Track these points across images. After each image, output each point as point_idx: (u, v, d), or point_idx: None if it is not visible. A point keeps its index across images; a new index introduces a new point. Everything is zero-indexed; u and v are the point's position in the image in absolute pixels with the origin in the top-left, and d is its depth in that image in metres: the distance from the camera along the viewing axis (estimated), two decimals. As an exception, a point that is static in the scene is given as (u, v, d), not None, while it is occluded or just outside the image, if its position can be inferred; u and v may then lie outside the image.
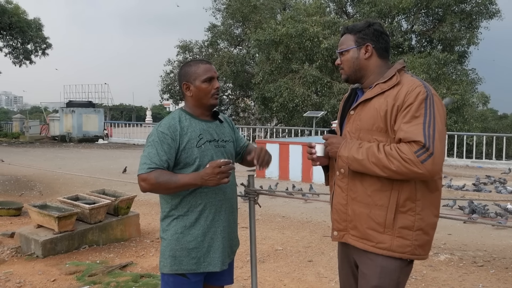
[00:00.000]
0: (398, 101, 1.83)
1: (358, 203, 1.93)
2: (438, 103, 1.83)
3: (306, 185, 9.92)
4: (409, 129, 1.77)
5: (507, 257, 4.92)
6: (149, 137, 2.11)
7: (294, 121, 20.94)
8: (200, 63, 2.18)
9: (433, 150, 1.72)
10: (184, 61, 26.92)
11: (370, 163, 1.82)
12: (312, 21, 20.11)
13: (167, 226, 2.12)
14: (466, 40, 21.61)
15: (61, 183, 9.68)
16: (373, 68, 2.00)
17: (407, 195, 1.85)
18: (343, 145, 1.93)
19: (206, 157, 2.09)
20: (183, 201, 2.09)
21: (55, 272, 4.24)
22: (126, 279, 4.01)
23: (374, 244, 1.89)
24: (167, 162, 2.04)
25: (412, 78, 1.90)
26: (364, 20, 2.09)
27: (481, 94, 29.86)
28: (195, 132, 2.10)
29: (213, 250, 2.11)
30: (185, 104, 2.23)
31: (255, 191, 2.43)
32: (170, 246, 2.09)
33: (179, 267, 2.09)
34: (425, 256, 1.93)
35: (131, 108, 38.77)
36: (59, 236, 4.73)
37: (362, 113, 1.95)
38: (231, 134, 2.30)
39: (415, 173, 1.74)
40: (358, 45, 1.99)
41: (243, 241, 5.24)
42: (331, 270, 4.38)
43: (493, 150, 15.04)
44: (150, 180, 2.00)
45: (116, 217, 5.33)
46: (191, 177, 2.01)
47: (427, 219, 1.88)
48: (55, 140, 24.54)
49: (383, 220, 1.87)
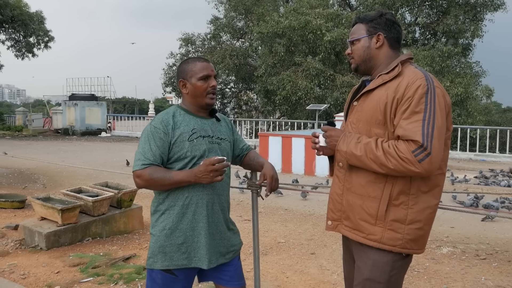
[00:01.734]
0: (398, 94, 1.80)
1: (352, 193, 1.94)
2: (440, 96, 1.80)
3: (309, 178, 9.93)
4: (408, 126, 1.75)
5: (510, 250, 4.91)
6: (143, 133, 2.11)
7: (297, 114, 20.88)
8: (197, 61, 2.17)
9: (431, 150, 1.71)
10: (186, 54, 26.85)
11: (368, 159, 1.81)
12: (315, 14, 19.98)
13: (155, 222, 2.12)
14: (470, 33, 21.45)
15: (64, 176, 9.71)
16: (383, 59, 1.97)
17: (400, 188, 1.84)
18: (342, 139, 1.92)
19: (197, 152, 2.07)
20: (170, 195, 2.08)
21: (59, 264, 4.26)
22: (130, 271, 4.03)
23: (365, 236, 1.90)
24: (161, 157, 2.04)
25: (415, 69, 1.86)
26: (376, 10, 2.05)
27: (485, 87, 29.64)
28: (188, 127, 2.10)
29: (201, 246, 2.08)
30: (182, 101, 2.24)
31: (258, 184, 2.42)
32: (159, 243, 2.07)
33: (170, 263, 2.07)
34: (419, 251, 1.92)
35: (133, 101, 38.75)
36: (62, 228, 4.75)
37: (364, 104, 1.94)
38: (228, 133, 2.28)
39: (412, 172, 1.74)
40: (370, 34, 1.97)
41: (246, 233, 5.26)
42: (333, 263, 4.39)
43: (496, 143, 14.99)
44: (144, 177, 2.01)
45: (119, 209, 5.34)
46: (185, 174, 2.01)
47: (422, 213, 1.85)
48: (58, 133, 24.60)
49: (375, 212, 1.87)
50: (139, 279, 3.85)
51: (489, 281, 4.01)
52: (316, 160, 10.20)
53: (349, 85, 18.66)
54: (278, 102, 20.44)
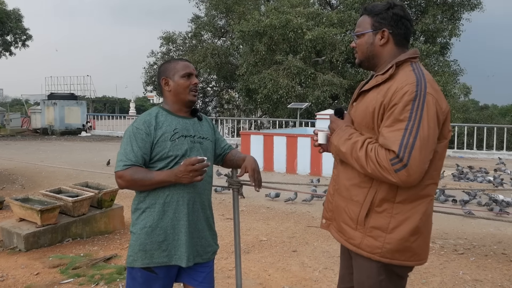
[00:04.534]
0: (386, 99, 1.71)
1: (339, 195, 1.91)
2: (431, 103, 1.66)
3: (291, 176, 9.98)
4: (388, 134, 1.67)
5: (486, 244, 5.03)
6: (125, 134, 2.13)
7: (279, 112, 20.92)
8: (179, 60, 2.23)
9: (408, 162, 1.62)
10: (167, 52, 26.64)
11: (352, 158, 1.77)
12: (296, 12, 20.04)
13: (136, 220, 2.12)
14: (448, 32, 21.81)
15: (44, 176, 9.56)
16: (386, 57, 1.85)
17: (384, 195, 1.76)
18: (337, 132, 1.88)
19: (179, 151, 2.08)
20: (151, 193, 2.09)
21: (38, 265, 4.20)
22: (111, 272, 4.00)
23: (347, 239, 1.87)
24: (143, 158, 2.06)
25: (410, 72, 1.74)
26: (386, 1, 1.87)
27: (463, 85, 30.25)
28: (170, 127, 2.12)
29: (181, 243, 2.09)
30: (164, 101, 2.26)
31: (238, 182, 2.44)
32: (140, 240, 2.08)
33: (150, 261, 2.07)
34: (407, 262, 1.80)
35: (114, 100, 38.34)
36: (42, 229, 4.68)
37: (359, 105, 1.88)
38: (210, 133, 2.30)
39: (388, 180, 1.67)
40: (375, 30, 1.85)
41: (228, 232, 5.27)
42: (315, 260, 4.43)
43: (474, 140, 15.30)
44: (126, 177, 2.03)
45: (100, 209, 5.29)
46: (165, 174, 2.03)
47: (406, 224, 1.75)
48: (37, 133, 24.18)
49: (356, 216, 1.82)
50: (120, 279, 3.83)
51: (467, 275, 4.10)
52: (297, 158, 10.27)
53: (330, 84, 18.78)
54: (259, 100, 20.45)
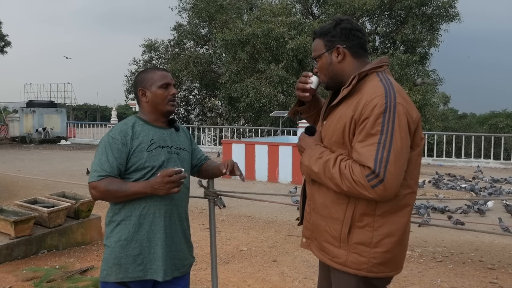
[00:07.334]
0: (356, 113, 1.68)
1: (316, 214, 1.86)
2: (401, 114, 1.64)
3: (272, 184, 9.97)
4: (362, 150, 1.64)
5: (464, 252, 5.08)
6: (100, 143, 2.07)
7: (261, 120, 20.98)
8: (156, 70, 2.18)
9: (384, 176, 1.59)
10: (149, 60, 26.52)
11: (326, 177, 1.72)
12: (278, 22, 20.20)
13: (110, 233, 2.06)
14: (427, 42, 22.23)
15: (20, 186, 9.35)
16: (349, 71, 1.81)
17: (363, 209, 1.72)
18: (307, 151, 1.83)
19: (156, 162, 2.05)
20: (127, 205, 2.04)
21: (11, 278, 4.08)
22: (86, 284, 3.91)
23: (331, 258, 1.81)
24: (118, 168, 2.01)
25: (378, 83, 1.71)
26: (332, 19, 1.88)
27: (442, 94, 30.75)
28: (147, 137, 2.07)
29: (157, 257, 2.04)
30: (140, 110, 2.20)
31: (215, 192, 2.41)
32: (114, 254, 2.02)
33: (124, 275, 2.02)
34: (390, 273, 1.78)
35: (95, 108, 37.91)
36: (15, 241, 4.56)
37: (329, 121, 1.83)
38: (187, 143, 2.26)
39: (366, 196, 1.64)
40: (328, 49, 1.83)
41: (207, 242, 5.20)
42: (295, 270, 4.41)
43: (453, 148, 15.54)
44: (100, 188, 1.97)
45: (76, 220, 5.19)
46: (141, 185, 1.98)
47: (390, 236, 1.73)
48: (14, 141, 23.70)
49: (338, 234, 1.76)
50: (96, 291, 3.75)
51: (445, 283, 4.13)
52: (279, 167, 10.27)
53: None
54: (242, 109, 20.47)
